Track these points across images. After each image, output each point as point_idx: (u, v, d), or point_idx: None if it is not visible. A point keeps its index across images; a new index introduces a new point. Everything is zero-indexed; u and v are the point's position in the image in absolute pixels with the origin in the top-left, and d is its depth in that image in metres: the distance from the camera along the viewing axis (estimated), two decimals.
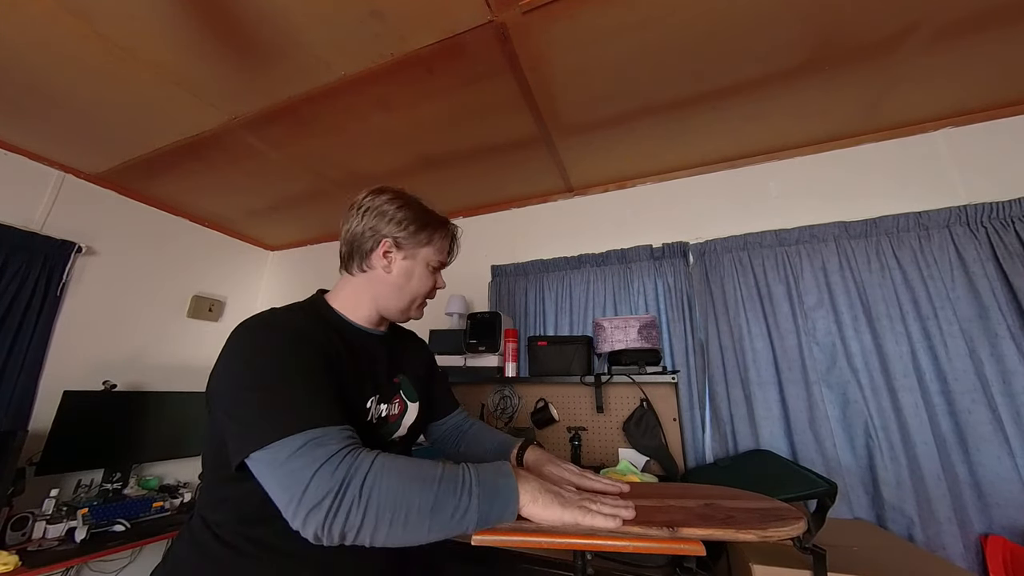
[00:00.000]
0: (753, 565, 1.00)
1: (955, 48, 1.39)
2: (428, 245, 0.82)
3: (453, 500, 0.53)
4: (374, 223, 0.78)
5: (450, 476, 0.56)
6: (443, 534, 0.53)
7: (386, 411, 0.77)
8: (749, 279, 1.84)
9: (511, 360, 1.98)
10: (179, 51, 1.42)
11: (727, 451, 1.70)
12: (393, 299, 0.81)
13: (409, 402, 0.84)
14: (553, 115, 1.74)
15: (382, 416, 0.76)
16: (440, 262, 0.85)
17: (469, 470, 0.57)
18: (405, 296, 0.81)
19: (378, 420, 0.75)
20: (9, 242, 1.95)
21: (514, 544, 0.54)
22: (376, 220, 0.78)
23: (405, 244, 0.79)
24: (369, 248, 0.78)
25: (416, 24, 1.29)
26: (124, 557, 2.17)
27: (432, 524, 0.52)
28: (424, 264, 0.82)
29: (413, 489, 0.53)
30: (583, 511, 0.56)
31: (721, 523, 0.53)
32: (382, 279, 0.79)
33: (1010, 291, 1.47)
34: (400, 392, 0.83)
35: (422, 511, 0.52)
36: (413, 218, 0.79)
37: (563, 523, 0.56)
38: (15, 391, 1.93)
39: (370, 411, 0.73)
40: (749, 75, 1.50)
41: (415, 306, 0.84)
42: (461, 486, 0.55)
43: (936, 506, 1.38)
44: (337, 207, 2.62)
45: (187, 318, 2.76)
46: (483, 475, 0.57)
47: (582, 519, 0.55)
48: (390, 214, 0.78)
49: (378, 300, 0.80)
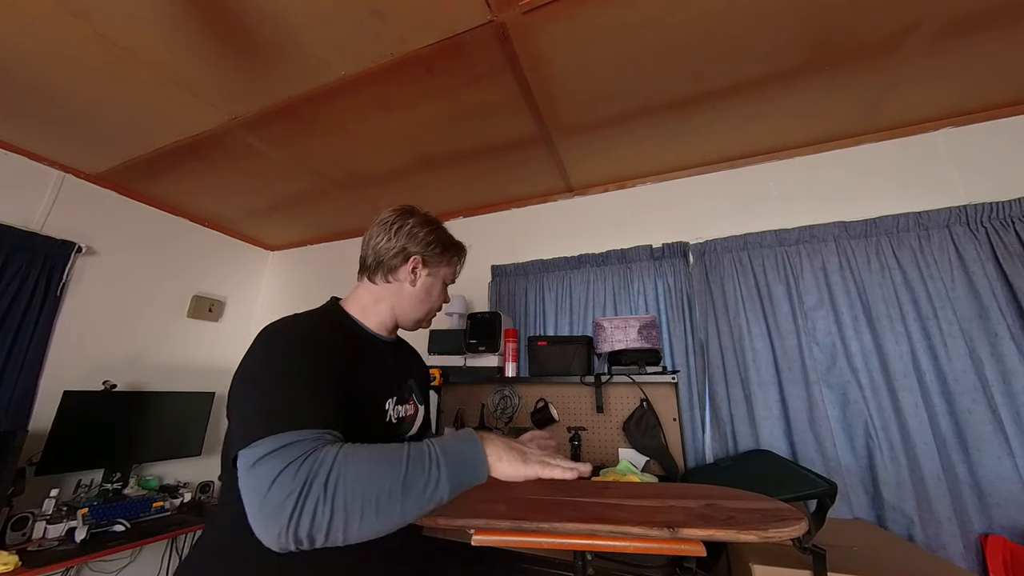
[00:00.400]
0: (753, 565, 1.00)
1: (955, 48, 1.39)
2: (448, 265, 0.93)
3: (423, 476, 0.54)
4: (405, 242, 0.86)
5: (416, 453, 0.56)
6: (417, 512, 0.53)
7: (403, 412, 0.84)
8: (749, 279, 1.84)
9: (511, 360, 1.98)
10: (179, 51, 1.42)
11: (727, 451, 1.70)
12: (412, 309, 0.89)
13: (419, 404, 0.91)
14: (553, 115, 1.74)
15: (401, 416, 0.82)
16: (452, 280, 0.95)
17: (433, 443, 0.59)
18: (423, 307, 0.90)
19: (397, 420, 0.81)
20: (9, 242, 1.95)
21: (514, 544, 0.54)
22: (407, 240, 0.86)
23: (431, 262, 0.88)
24: (398, 263, 0.86)
25: (416, 24, 1.29)
26: (124, 557, 2.18)
27: (405, 504, 0.52)
28: (442, 281, 0.92)
29: (381, 472, 0.53)
30: (543, 465, 0.62)
31: (722, 524, 0.53)
32: (405, 291, 0.87)
33: (1010, 291, 1.47)
34: (412, 395, 0.90)
35: (393, 493, 0.52)
36: (439, 241, 0.89)
37: (525, 477, 0.61)
38: (15, 391, 1.93)
39: (388, 412, 0.78)
40: (749, 75, 1.50)
41: (429, 317, 0.93)
42: (428, 459, 0.55)
43: (936, 506, 1.38)
44: (337, 207, 2.63)
45: (187, 318, 2.76)
46: (447, 445, 0.59)
47: (542, 471, 0.61)
48: (420, 236, 0.87)
49: (397, 309, 0.88)
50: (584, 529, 0.54)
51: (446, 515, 0.59)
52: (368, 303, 0.86)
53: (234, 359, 3.14)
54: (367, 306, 0.86)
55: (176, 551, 2.39)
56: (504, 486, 0.78)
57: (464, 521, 0.58)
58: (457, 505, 0.64)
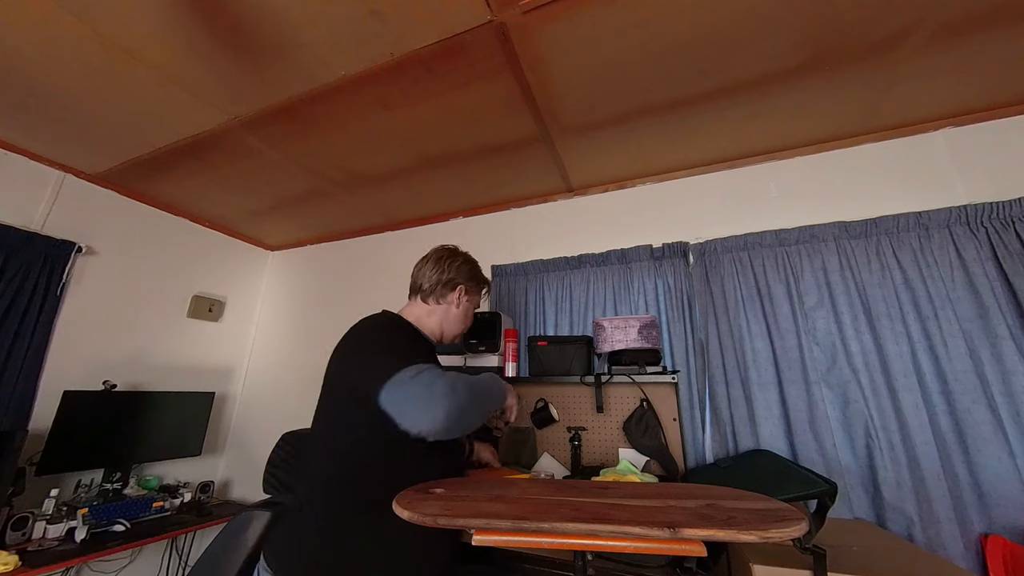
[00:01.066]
0: (753, 565, 1.00)
1: (955, 48, 1.39)
2: (479, 294, 1.27)
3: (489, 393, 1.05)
4: (454, 275, 1.19)
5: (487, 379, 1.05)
6: (482, 416, 0.99)
7: None
8: (749, 279, 1.84)
9: (511, 360, 1.98)
10: (179, 51, 1.42)
11: (727, 451, 1.70)
12: (454, 326, 1.20)
13: None
14: (553, 115, 1.74)
15: None
16: (479, 306, 1.28)
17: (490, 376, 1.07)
18: (461, 325, 1.22)
19: None
20: (9, 242, 1.95)
21: (514, 544, 0.55)
22: (457, 273, 1.19)
23: (471, 292, 1.23)
24: (448, 290, 1.18)
25: (416, 24, 1.29)
26: (124, 557, 2.18)
27: (480, 408, 0.96)
28: (474, 305, 1.26)
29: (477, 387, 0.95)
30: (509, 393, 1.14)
31: (722, 524, 0.53)
32: (452, 311, 1.19)
33: (1010, 291, 1.47)
34: None
35: (478, 400, 0.93)
36: (476, 277, 1.25)
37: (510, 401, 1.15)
38: (15, 391, 1.93)
39: None
40: (749, 75, 1.50)
41: (462, 333, 1.24)
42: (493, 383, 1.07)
43: (936, 506, 1.38)
44: (337, 207, 2.63)
45: (187, 318, 2.76)
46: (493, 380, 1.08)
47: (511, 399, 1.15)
48: (466, 271, 1.21)
49: (444, 324, 1.19)
50: (584, 529, 0.54)
51: (446, 515, 0.59)
52: (422, 315, 1.16)
53: (234, 359, 3.16)
54: (421, 317, 1.16)
55: (176, 551, 2.39)
56: (504, 486, 0.78)
57: (464, 521, 0.58)
58: (458, 505, 0.64)
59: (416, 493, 0.69)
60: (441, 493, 0.70)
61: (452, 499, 0.67)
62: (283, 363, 3.01)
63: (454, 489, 0.73)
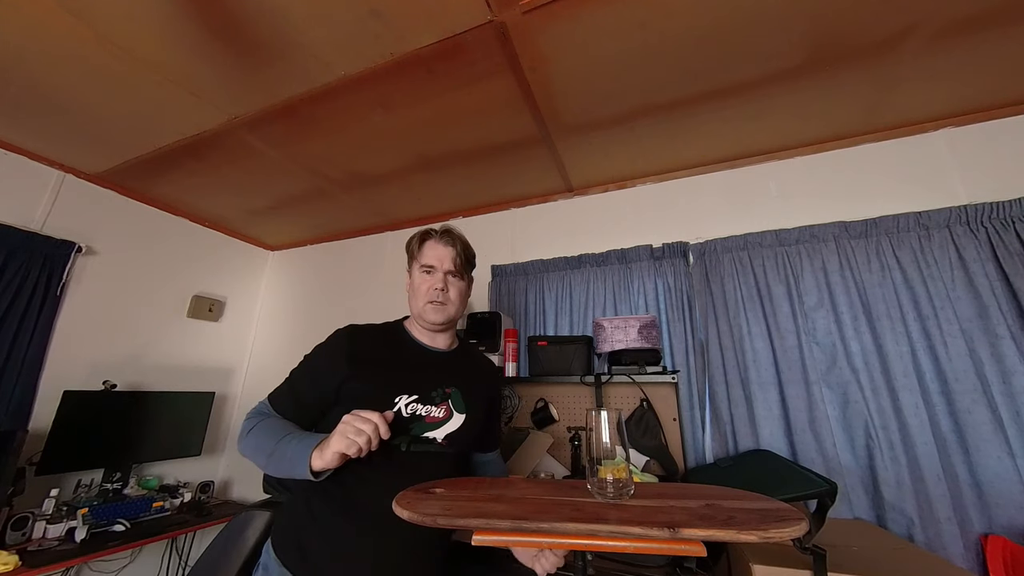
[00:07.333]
0: (753, 565, 1.00)
1: (955, 48, 1.39)
2: (417, 254, 1.06)
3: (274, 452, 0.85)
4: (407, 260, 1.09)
5: (281, 437, 0.86)
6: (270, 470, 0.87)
7: (424, 411, 0.94)
8: (749, 279, 1.84)
9: (511, 360, 1.98)
10: (179, 51, 1.42)
11: (727, 451, 1.70)
12: (412, 304, 1.05)
13: (456, 412, 0.98)
14: (553, 115, 1.74)
15: (417, 414, 0.93)
16: (426, 265, 1.03)
17: (292, 437, 0.85)
18: (415, 299, 1.03)
19: (410, 415, 0.92)
20: (9, 242, 1.95)
21: (514, 544, 0.54)
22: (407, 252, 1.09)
23: (410, 260, 1.08)
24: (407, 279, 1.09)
25: (416, 24, 1.29)
26: (124, 557, 2.18)
27: (265, 461, 0.86)
28: (419, 267, 1.04)
29: (260, 438, 0.88)
30: (339, 438, 0.76)
31: (722, 524, 0.53)
32: (410, 288, 1.06)
33: (1010, 291, 1.47)
34: (449, 401, 0.98)
35: (260, 451, 0.87)
36: (410, 241, 1.07)
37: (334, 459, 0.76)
38: (15, 391, 1.93)
39: (398, 404, 0.91)
40: (749, 75, 1.50)
41: (427, 303, 1.01)
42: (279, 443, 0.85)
43: (936, 506, 1.38)
44: (337, 207, 2.63)
45: (187, 318, 2.76)
46: (295, 442, 0.83)
47: (338, 445, 0.75)
48: (407, 249, 1.09)
49: (410, 304, 1.06)
50: (584, 529, 0.54)
51: (446, 515, 0.59)
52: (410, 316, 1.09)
53: (234, 359, 3.16)
54: (410, 318, 1.09)
55: (176, 551, 2.39)
56: (504, 485, 0.78)
57: (464, 521, 0.58)
58: (457, 505, 0.64)
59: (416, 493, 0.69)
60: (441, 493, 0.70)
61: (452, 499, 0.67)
62: (283, 363, 2.99)
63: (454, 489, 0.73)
